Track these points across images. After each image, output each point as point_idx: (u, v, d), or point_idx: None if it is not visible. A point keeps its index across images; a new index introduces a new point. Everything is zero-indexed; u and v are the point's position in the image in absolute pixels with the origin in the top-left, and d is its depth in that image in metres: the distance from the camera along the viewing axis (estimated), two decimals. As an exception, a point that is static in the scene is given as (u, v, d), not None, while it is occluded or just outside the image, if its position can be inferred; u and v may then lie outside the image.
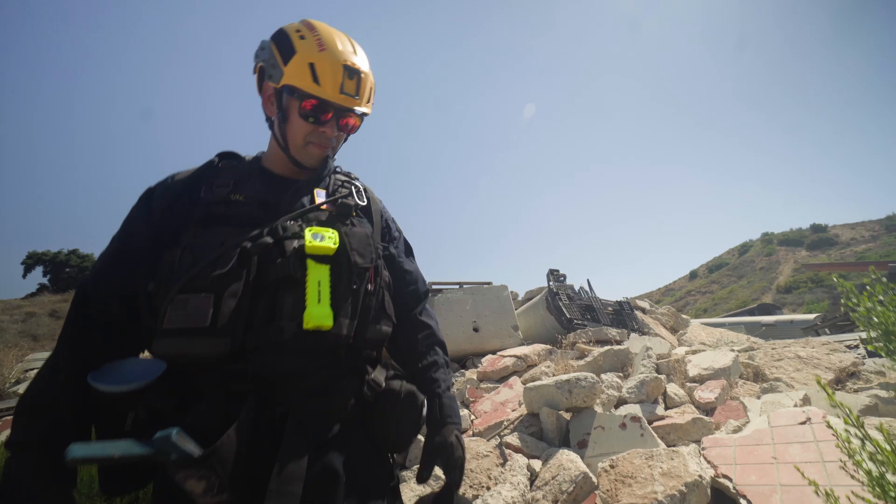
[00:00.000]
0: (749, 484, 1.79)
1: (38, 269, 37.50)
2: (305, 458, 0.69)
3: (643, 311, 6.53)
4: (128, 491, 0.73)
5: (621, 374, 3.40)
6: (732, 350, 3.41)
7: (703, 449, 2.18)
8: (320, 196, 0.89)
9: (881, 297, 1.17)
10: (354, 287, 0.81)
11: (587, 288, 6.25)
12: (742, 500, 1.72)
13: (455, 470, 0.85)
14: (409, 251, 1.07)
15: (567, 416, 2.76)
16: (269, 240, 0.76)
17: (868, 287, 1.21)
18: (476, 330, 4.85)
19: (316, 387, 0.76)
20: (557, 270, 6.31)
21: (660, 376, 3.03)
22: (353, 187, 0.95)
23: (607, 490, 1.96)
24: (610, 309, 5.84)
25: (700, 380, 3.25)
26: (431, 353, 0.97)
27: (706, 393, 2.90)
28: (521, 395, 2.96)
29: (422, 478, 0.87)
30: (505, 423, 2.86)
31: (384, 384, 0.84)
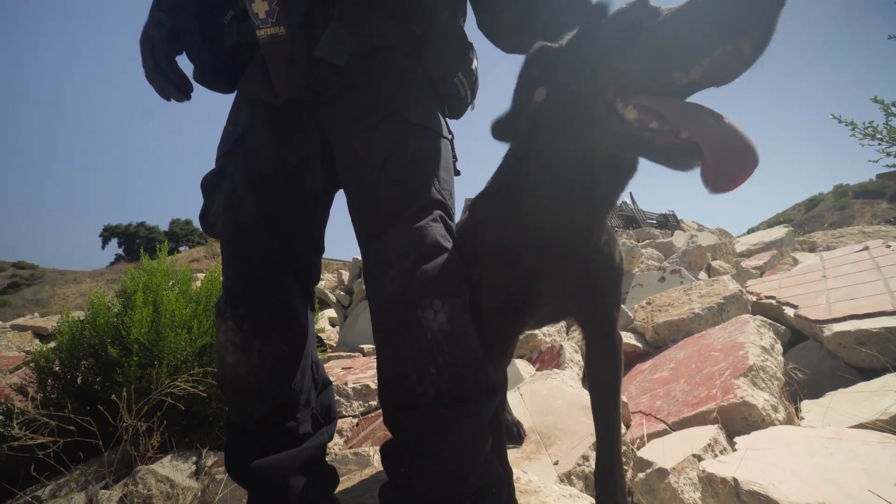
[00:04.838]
0: (794, 295, 1.75)
1: (114, 241, 41.36)
2: (349, 39, 0.73)
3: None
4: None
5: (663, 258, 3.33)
6: (787, 227, 3.22)
7: (745, 287, 2.14)
8: None
9: None
10: None
11: (629, 201, 6.08)
12: (787, 308, 1.69)
13: None
14: None
15: (605, 284, 2.78)
16: None
17: None
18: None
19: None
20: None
21: (703, 245, 2.94)
22: None
23: (643, 319, 1.99)
24: (654, 221, 5.67)
25: (748, 254, 3.12)
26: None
27: (754, 261, 2.79)
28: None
29: None
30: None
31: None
